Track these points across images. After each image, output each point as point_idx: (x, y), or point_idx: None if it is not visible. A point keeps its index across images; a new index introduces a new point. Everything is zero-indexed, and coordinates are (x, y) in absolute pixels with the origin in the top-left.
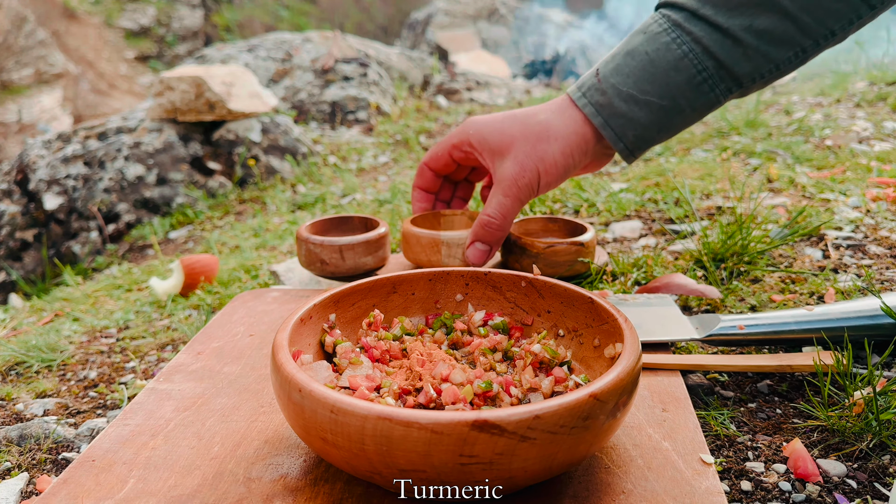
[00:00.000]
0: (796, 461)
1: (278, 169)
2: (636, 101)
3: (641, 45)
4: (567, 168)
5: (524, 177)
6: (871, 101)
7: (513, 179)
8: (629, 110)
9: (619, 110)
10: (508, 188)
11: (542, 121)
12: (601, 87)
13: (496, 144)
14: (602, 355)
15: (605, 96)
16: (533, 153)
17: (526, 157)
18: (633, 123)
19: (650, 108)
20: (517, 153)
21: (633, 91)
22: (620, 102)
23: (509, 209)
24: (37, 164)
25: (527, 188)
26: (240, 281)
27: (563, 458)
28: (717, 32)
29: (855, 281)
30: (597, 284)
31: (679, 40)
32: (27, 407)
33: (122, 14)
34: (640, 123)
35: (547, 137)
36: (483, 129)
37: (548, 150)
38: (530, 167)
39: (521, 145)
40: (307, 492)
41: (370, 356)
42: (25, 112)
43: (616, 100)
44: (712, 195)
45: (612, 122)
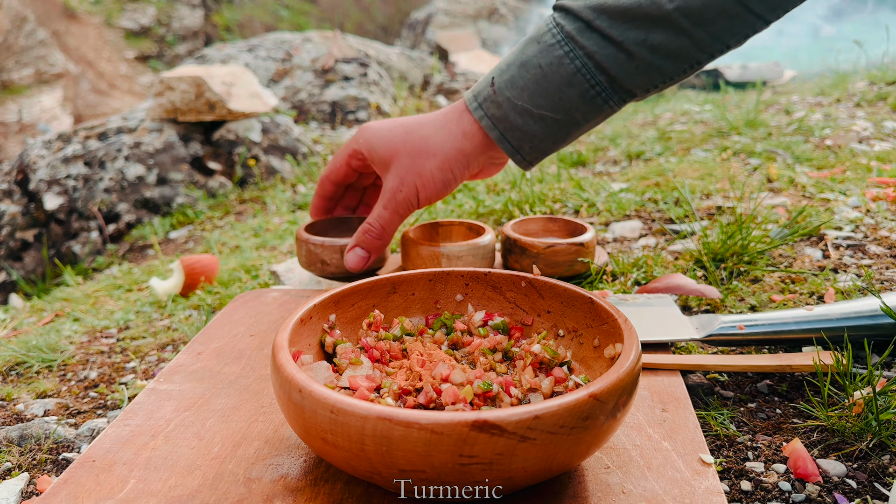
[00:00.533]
0: (796, 461)
1: (278, 169)
2: (531, 115)
3: (535, 58)
4: (446, 182)
5: (402, 191)
6: (871, 100)
7: (392, 193)
8: (524, 124)
9: (514, 124)
10: (389, 201)
11: (424, 136)
12: (496, 100)
13: (383, 155)
14: (602, 355)
15: (501, 109)
16: (412, 168)
17: (406, 172)
18: (528, 136)
19: (545, 121)
20: (398, 167)
21: (527, 105)
22: (516, 116)
23: (387, 221)
24: (37, 164)
25: (405, 202)
26: (240, 281)
27: (563, 458)
28: (611, 46)
29: (855, 281)
30: (597, 284)
31: (572, 54)
32: (27, 407)
33: (123, 14)
34: (535, 137)
35: (426, 153)
36: (371, 139)
37: (425, 166)
38: (409, 182)
39: (402, 159)
40: (307, 492)
41: (370, 356)
42: (26, 112)
43: (511, 113)
44: (712, 195)
45: (509, 135)
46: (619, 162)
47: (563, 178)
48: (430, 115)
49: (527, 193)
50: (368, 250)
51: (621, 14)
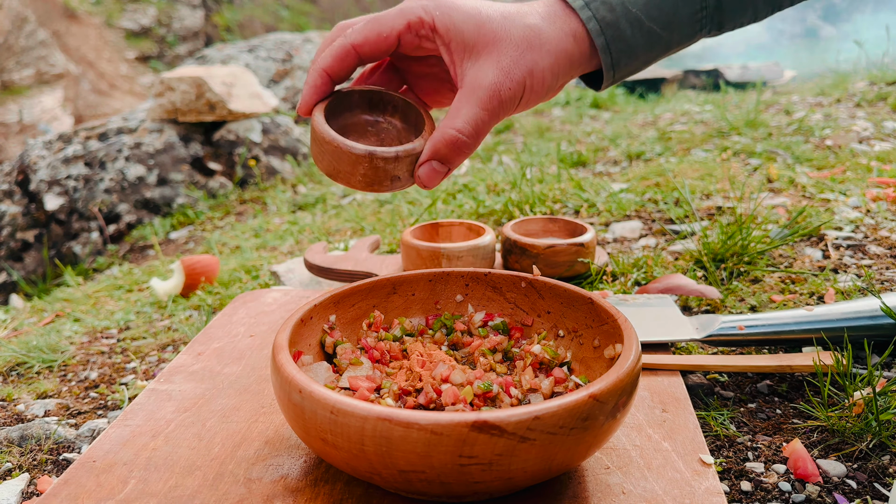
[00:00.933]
0: (796, 461)
1: (279, 169)
2: (641, 26)
3: None
4: (550, 89)
5: (509, 88)
6: (871, 100)
7: (495, 89)
8: (631, 35)
9: (622, 33)
10: (489, 100)
11: (533, 25)
12: (610, 2)
13: (472, 38)
14: (602, 356)
15: (614, 13)
16: (522, 61)
17: (513, 64)
18: (628, 51)
19: (650, 37)
20: (501, 57)
21: (640, 15)
22: (626, 25)
23: (485, 124)
24: (37, 164)
25: (509, 102)
26: (240, 281)
27: (563, 458)
28: None
29: (855, 281)
30: (597, 285)
31: None
32: (28, 407)
33: (123, 14)
34: (633, 53)
35: (539, 46)
36: (453, 13)
37: (538, 63)
38: (517, 78)
39: (508, 48)
40: (307, 492)
41: (370, 357)
42: (26, 112)
43: (623, 21)
44: (712, 195)
45: (613, 46)
46: (619, 162)
47: (564, 178)
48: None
49: (527, 194)
50: (450, 163)
51: None
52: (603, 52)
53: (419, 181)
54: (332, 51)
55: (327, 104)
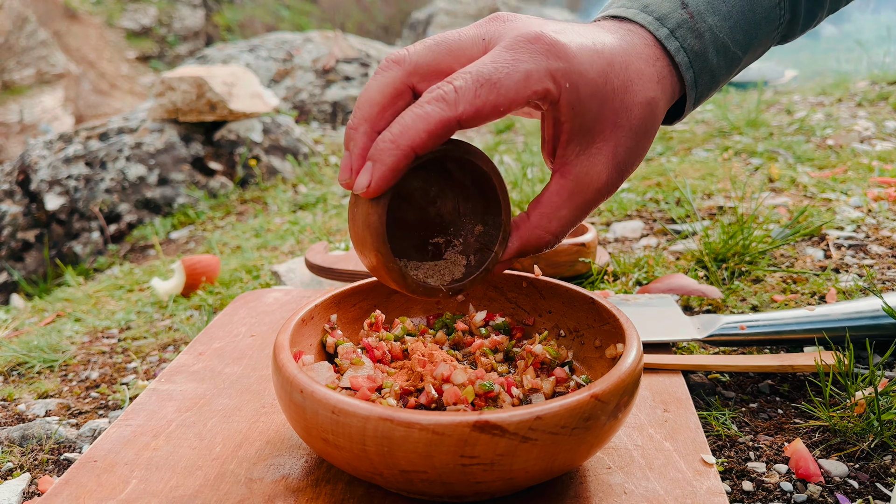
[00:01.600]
0: (798, 461)
1: (279, 169)
2: (726, 52)
3: None
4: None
5: (617, 185)
6: (872, 100)
7: (605, 191)
8: (717, 65)
9: (709, 64)
10: (591, 201)
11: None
12: (697, 28)
13: (592, 120)
14: (603, 356)
15: (702, 42)
16: (636, 150)
17: (627, 157)
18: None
19: (731, 63)
20: (619, 149)
21: (727, 40)
22: (713, 53)
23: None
24: (38, 164)
25: (608, 195)
26: (241, 281)
27: (565, 458)
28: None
29: (856, 281)
30: (598, 285)
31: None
32: (29, 407)
33: (124, 14)
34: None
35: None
36: (581, 88)
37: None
38: (628, 173)
39: (627, 135)
40: (309, 492)
41: (371, 357)
42: (27, 112)
43: (710, 49)
44: (714, 195)
45: (700, 80)
46: None
47: None
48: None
49: (528, 193)
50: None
51: None
52: (690, 88)
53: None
54: (426, 124)
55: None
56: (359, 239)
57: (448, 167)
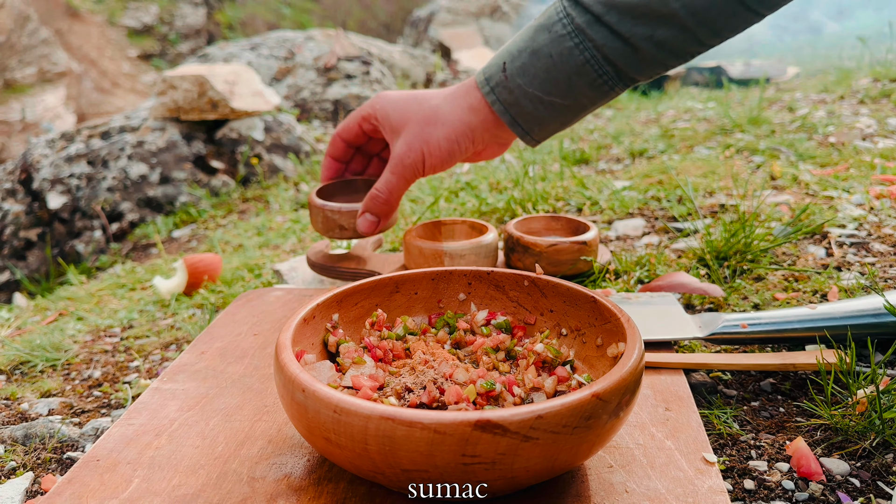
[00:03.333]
0: (799, 460)
1: (281, 167)
2: (541, 101)
3: (546, 47)
4: (451, 152)
5: (409, 156)
6: (874, 97)
7: (399, 158)
8: (534, 109)
9: (525, 109)
10: (395, 166)
11: (434, 105)
12: (508, 86)
13: (395, 122)
14: (605, 354)
15: (513, 95)
16: (420, 135)
17: (413, 138)
18: (538, 120)
19: (554, 107)
20: (407, 133)
21: (538, 92)
22: (527, 102)
23: (394, 186)
24: (40, 163)
25: (411, 167)
26: (243, 280)
27: (566, 457)
28: (619, 41)
29: (858, 279)
30: (599, 283)
31: (581, 46)
32: (32, 406)
33: (125, 12)
34: (544, 120)
35: (435, 121)
36: (387, 106)
37: (433, 134)
38: (416, 148)
39: (412, 126)
40: (311, 491)
41: (373, 356)
42: (29, 111)
43: (523, 99)
44: (715, 193)
45: (520, 119)
46: (621, 160)
47: (566, 176)
48: (442, 89)
49: (529, 192)
50: (377, 215)
51: (630, 10)
52: (512, 126)
53: (358, 228)
54: (330, 141)
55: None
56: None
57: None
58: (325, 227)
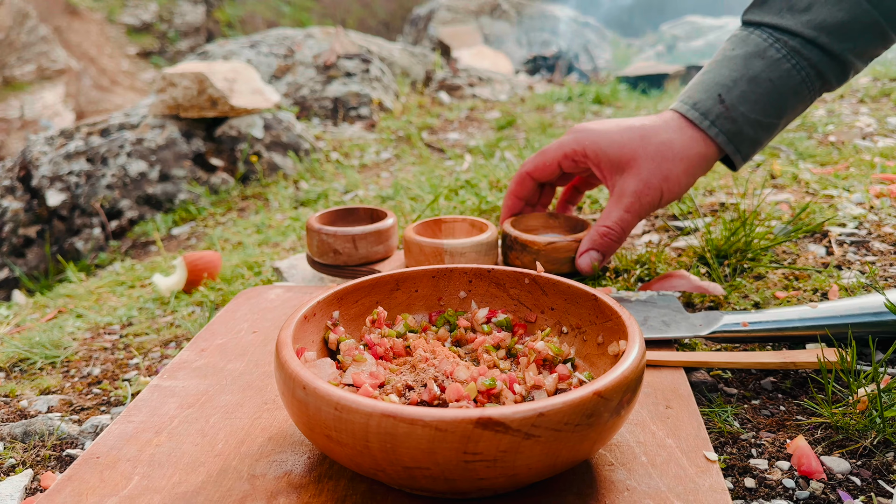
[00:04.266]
0: (800, 458)
1: (281, 165)
2: (761, 124)
3: (764, 73)
4: (688, 186)
5: (648, 195)
6: (874, 96)
7: (636, 196)
8: (755, 134)
9: (747, 136)
10: (631, 205)
11: (665, 140)
12: (731, 116)
13: (615, 158)
14: (606, 352)
15: (736, 125)
16: (658, 172)
17: (651, 176)
18: (754, 143)
19: (770, 128)
20: (641, 170)
21: (759, 117)
22: (749, 129)
23: (629, 223)
24: (39, 160)
25: (649, 205)
26: (243, 277)
27: (567, 455)
28: (828, 57)
29: (859, 277)
30: (600, 281)
31: (798, 66)
32: (31, 403)
33: (124, 10)
34: (759, 142)
35: (672, 157)
36: (600, 141)
37: (673, 170)
38: (655, 185)
39: (645, 163)
40: (311, 489)
41: (374, 353)
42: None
43: (745, 127)
44: (715, 191)
45: (741, 147)
46: None
47: None
48: (650, 119)
49: None
50: (604, 253)
51: (838, 29)
52: (734, 155)
53: (580, 266)
54: (514, 178)
55: (325, 213)
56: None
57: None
58: (319, 250)
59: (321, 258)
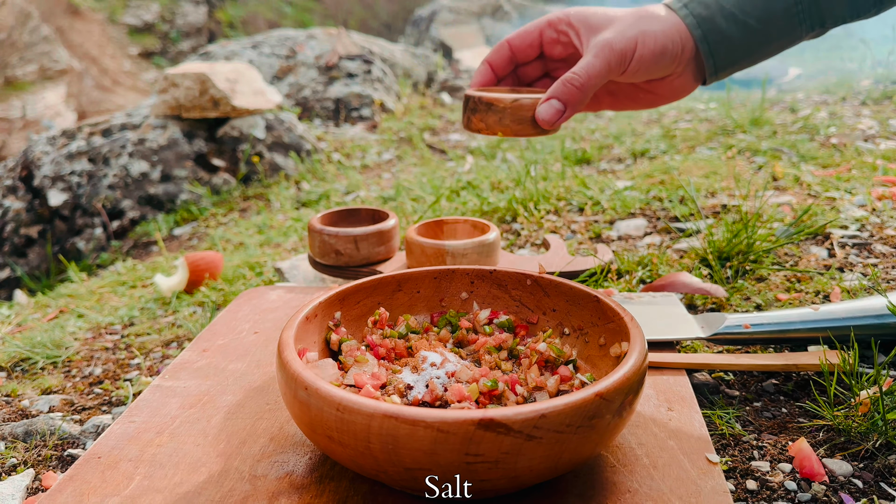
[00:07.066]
0: (802, 460)
1: (282, 166)
2: (735, 19)
3: None
4: (663, 51)
5: (620, 41)
6: (876, 99)
7: (607, 42)
8: (727, 27)
9: (718, 26)
10: (601, 49)
11: (648, 8)
12: (704, 1)
13: (596, 22)
14: (608, 354)
15: (709, 10)
16: (635, 25)
17: (626, 27)
18: (727, 41)
19: (746, 28)
20: (617, 24)
21: (734, 10)
22: (721, 19)
23: (596, 70)
24: (41, 160)
25: (619, 54)
26: (244, 278)
27: (569, 457)
28: None
29: (861, 280)
30: (602, 283)
31: None
32: (33, 403)
33: (126, 10)
34: (732, 43)
35: (650, 17)
36: (585, 10)
37: (650, 27)
38: (629, 35)
39: (624, 18)
40: (312, 489)
41: (375, 354)
42: (30, 108)
43: (718, 16)
44: (717, 193)
45: (710, 37)
46: (623, 160)
47: (568, 175)
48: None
49: (531, 191)
50: (566, 102)
51: None
52: (701, 42)
53: (539, 116)
54: (495, 48)
55: (326, 214)
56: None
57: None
58: (321, 251)
59: (323, 259)
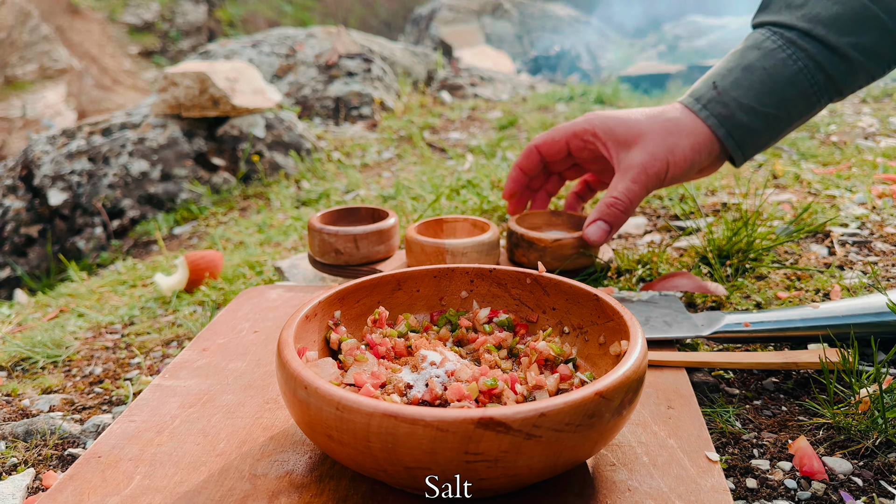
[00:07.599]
0: (802, 459)
1: (282, 165)
2: (755, 112)
3: (758, 61)
4: (693, 163)
5: (654, 165)
6: (876, 97)
7: (642, 167)
8: (749, 121)
9: (740, 121)
10: (637, 175)
11: (672, 118)
12: (722, 100)
13: (623, 136)
14: (607, 352)
15: (728, 108)
16: (664, 144)
17: (656, 148)
18: (752, 133)
19: (767, 118)
20: (647, 143)
21: (752, 104)
22: (742, 114)
23: (636, 194)
24: (41, 159)
25: (655, 177)
26: (244, 277)
27: (569, 455)
28: (828, 50)
29: (861, 278)
30: (602, 281)
31: (795, 56)
32: (33, 403)
33: (126, 9)
34: (756, 132)
35: (678, 132)
36: (608, 121)
37: (678, 143)
38: (661, 157)
39: (652, 136)
40: (312, 488)
41: (375, 353)
42: (29, 107)
43: (738, 112)
44: (717, 191)
45: (735, 133)
46: None
47: None
48: (664, 107)
49: None
50: (611, 223)
51: (834, 21)
52: (726, 139)
53: (587, 237)
54: (522, 151)
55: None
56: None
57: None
58: (321, 250)
59: (323, 258)
